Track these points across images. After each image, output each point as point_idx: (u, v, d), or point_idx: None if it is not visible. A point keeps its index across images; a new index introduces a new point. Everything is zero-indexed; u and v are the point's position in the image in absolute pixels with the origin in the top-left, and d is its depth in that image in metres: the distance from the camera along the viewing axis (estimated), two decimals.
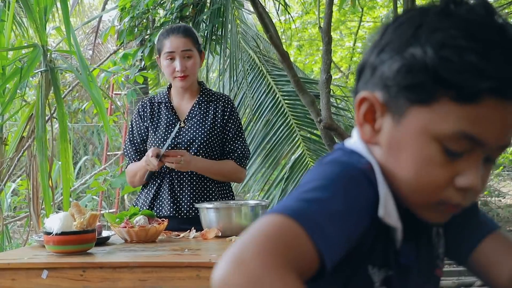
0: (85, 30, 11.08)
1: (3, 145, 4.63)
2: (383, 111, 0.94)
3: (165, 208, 2.97)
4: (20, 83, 4.31)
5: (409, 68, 0.89)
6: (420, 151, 0.90)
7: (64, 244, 2.26)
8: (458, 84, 0.85)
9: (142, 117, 3.08)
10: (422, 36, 0.88)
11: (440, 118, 0.88)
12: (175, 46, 2.97)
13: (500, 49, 0.86)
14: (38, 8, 4.43)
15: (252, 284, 0.76)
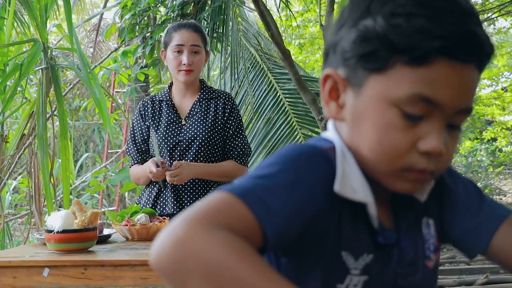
0: (86, 27, 11.07)
1: (4, 143, 4.62)
2: (345, 86, 0.98)
3: (168, 206, 2.97)
4: (20, 79, 4.30)
5: (362, 38, 0.92)
6: (380, 118, 0.93)
7: (66, 242, 2.26)
8: (408, 47, 0.88)
9: (143, 116, 3.07)
10: (374, 8, 0.92)
11: (396, 83, 0.91)
12: (184, 40, 2.97)
13: (447, 13, 0.89)
14: (38, 6, 4.43)
15: (178, 247, 0.79)
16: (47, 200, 4.16)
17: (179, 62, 2.96)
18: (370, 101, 0.94)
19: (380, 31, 0.90)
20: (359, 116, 0.96)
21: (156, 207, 3.00)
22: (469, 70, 0.92)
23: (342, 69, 0.97)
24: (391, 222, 1.04)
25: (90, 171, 8.23)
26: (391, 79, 0.91)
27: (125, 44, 6.34)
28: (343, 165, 0.97)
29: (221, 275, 0.77)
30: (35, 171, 4.54)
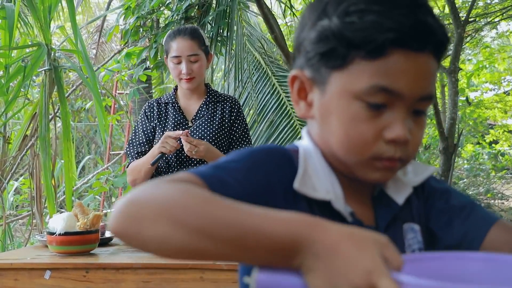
0: (89, 29, 11.08)
1: (6, 144, 4.62)
2: (311, 85, 1.03)
3: None
4: (23, 81, 4.31)
5: (320, 37, 0.98)
6: (345, 111, 0.97)
7: (67, 245, 2.25)
8: (363, 41, 0.93)
9: (149, 117, 3.07)
10: (329, 9, 0.98)
11: (357, 77, 0.95)
12: (181, 50, 2.96)
13: (397, 6, 0.94)
14: (42, 7, 4.43)
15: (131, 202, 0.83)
16: (49, 201, 4.16)
17: (179, 71, 2.97)
18: (335, 97, 0.99)
19: (335, 29, 0.95)
20: (326, 112, 1.01)
21: None
22: (424, 58, 0.96)
23: (307, 69, 1.02)
24: (372, 221, 1.07)
25: (92, 172, 8.22)
26: (352, 74, 0.96)
27: (128, 46, 6.34)
28: (305, 164, 1.02)
29: (174, 208, 0.80)
30: (37, 172, 4.54)
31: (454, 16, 5.26)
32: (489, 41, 11.03)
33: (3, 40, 4.42)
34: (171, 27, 4.81)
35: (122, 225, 0.82)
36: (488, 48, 10.84)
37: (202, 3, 4.83)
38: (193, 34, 2.99)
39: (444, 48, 1.01)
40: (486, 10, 8.48)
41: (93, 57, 10.21)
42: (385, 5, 0.94)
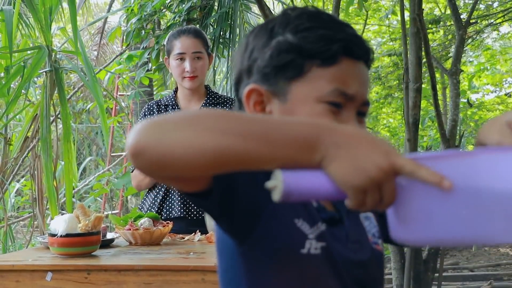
0: (90, 30, 11.09)
1: (8, 145, 4.62)
2: (269, 97, 1.14)
3: (175, 209, 2.96)
4: (24, 83, 4.31)
5: (278, 52, 1.11)
6: (311, 114, 1.10)
7: (69, 246, 2.25)
8: (318, 51, 1.09)
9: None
10: (278, 30, 1.13)
11: (315, 84, 1.10)
12: (185, 47, 2.97)
13: (337, 23, 1.13)
14: (43, 8, 4.43)
15: (154, 124, 0.86)
16: (51, 203, 4.16)
17: (182, 69, 2.97)
18: (298, 103, 1.11)
19: (293, 43, 1.10)
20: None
21: (162, 211, 2.99)
22: (363, 66, 1.14)
23: (263, 84, 1.14)
24: (332, 208, 1.20)
25: (93, 174, 8.22)
26: (311, 81, 1.10)
27: (130, 48, 6.34)
28: None
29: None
30: (38, 174, 4.54)
31: (456, 18, 5.26)
32: (491, 43, 11.02)
33: (3, 43, 4.42)
34: (173, 29, 4.81)
35: (143, 138, 0.84)
36: (490, 50, 10.83)
37: (204, 5, 4.83)
38: (196, 34, 3.01)
39: (372, 59, 1.17)
40: (488, 11, 8.48)
41: (94, 58, 10.22)
42: (326, 23, 1.11)
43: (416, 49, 4.43)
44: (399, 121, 11.06)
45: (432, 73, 4.74)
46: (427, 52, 4.66)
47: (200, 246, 2.53)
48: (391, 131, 11.28)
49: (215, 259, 2.16)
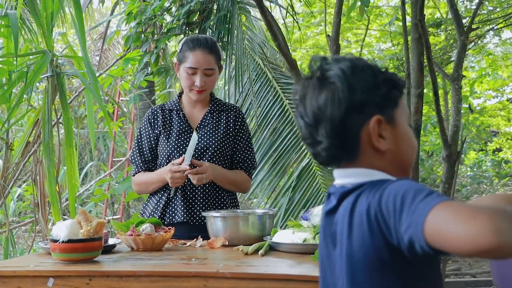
0: (92, 36, 11.10)
1: (9, 150, 4.62)
2: (385, 124, 1.42)
3: (178, 214, 2.96)
4: (26, 88, 4.31)
5: (389, 88, 1.44)
6: (408, 133, 1.48)
7: (71, 252, 2.25)
8: (403, 85, 1.48)
9: (152, 124, 3.07)
10: (377, 73, 1.45)
11: (403, 109, 1.48)
12: (198, 63, 2.95)
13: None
14: (45, 14, 4.43)
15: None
16: (54, 208, 4.16)
17: (192, 82, 2.96)
18: (400, 127, 1.45)
19: (394, 79, 1.46)
20: (398, 139, 1.44)
21: (165, 215, 2.99)
22: None
23: (380, 115, 1.41)
24: None
25: (95, 179, 8.22)
26: (400, 108, 1.46)
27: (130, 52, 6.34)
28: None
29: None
30: (40, 178, 4.54)
31: (457, 23, 5.26)
32: (492, 48, 11.03)
33: (6, 48, 4.42)
34: (172, 32, 4.80)
35: (506, 238, 1.06)
36: (491, 55, 10.84)
37: (203, 9, 4.83)
38: (212, 49, 2.97)
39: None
40: (488, 16, 8.48)
41: (97, 63, 10.23)
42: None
43: (418, 55, 4.43)
44: None
45: (433, 78, 4.74)
46: (428, 58, 4.66)
47: (202, 252, 2.52)
48: None
49: (217, 265, 2.16)
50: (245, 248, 2.42)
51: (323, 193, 5.60)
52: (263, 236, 2.61)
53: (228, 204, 3.05)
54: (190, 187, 2.98)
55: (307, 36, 11.87)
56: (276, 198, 5.76)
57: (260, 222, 2.68)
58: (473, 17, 5.62)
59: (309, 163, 5.74)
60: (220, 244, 2.60)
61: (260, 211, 2.84)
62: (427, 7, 9.24)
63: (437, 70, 5.52)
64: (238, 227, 2.66)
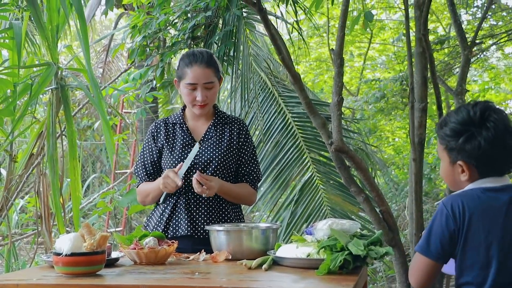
0: (96, 48, 11.13)
1: (13, 162, 4.62)
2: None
3: (181, 227, 2.96)
4: (30, 100, 4.31)
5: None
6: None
7: (74, 266, 2.24)
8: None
9: (155, 138, 3.08)
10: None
11: None
12: (197, 78, 2.96)
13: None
14: (50, 26, 4.45)
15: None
16: (58, 220, 4.15)
17: (193, 98, 2.98)
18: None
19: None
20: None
21: (168, 229, 2.99)
22: None
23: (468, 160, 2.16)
24: None
25: (97, 191, 8.21)
26: None
27: (134, 65, 6.35)
28: None
29: None
30: (43, 191, 4.53)
31: (461, 38, 5.27)
32: (495, 62, 11.04)
33: (11, 60, 4.43)
34: (177, 46, 4.81)
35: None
36: (494, 69, 10.85)
37: (208, 23, 4.84)
38: (209, 63, 2.99)
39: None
40: (492, 31, 8.50)
41: (100, 76, 10.26)
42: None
43: (422, 69, 4.43)
44: (404, 139, 11.04)
45: (437, 93, 4.74)
46: (432, 72, 4.66)
47: (205, 266, 2.51)
48: (396, 150, 11.26)
49: (220, 280, 2.15)
50: (248, 263, 2.42)
51: (326, 207, 5.60)
52: (266, 251, 2.60)
53: (233, 217, 3.05)
54: (193, 200, 2.98)
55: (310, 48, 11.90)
56: (278, 211, 5.76)
57: (264, 236, 2.67)
58: (477, 32, 5.63)
59: (312, 177, 5.73)
60: (223, 258, 2.59)
61: (263, 225, 2.84)
62: (430, 21, 9.26)
63: (441, 84, 5.53)
64: (242, 241, 2.65)
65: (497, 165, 2.15)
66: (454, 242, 2.10)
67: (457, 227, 2.09)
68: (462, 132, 2.12)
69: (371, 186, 4.19)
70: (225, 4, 4.68)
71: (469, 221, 2.07)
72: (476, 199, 2.11)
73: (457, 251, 2.12)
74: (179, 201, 2.99)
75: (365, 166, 4.26)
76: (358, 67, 12.25)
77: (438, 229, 2.12)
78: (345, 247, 2.26)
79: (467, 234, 2.08)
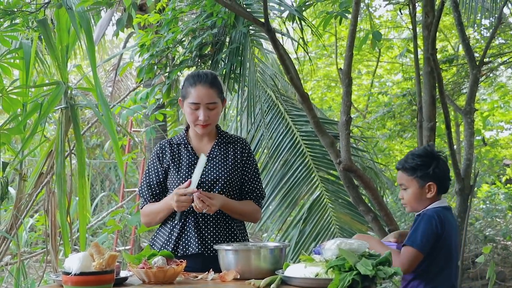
0: (105, 67, 11.20)
1: (23, 181, 4.64)
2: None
3: (192, 246, 2.96)
4: (40, 119, 4.34)
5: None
6: None
7: (83, 285, 2.24)
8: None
9: (161, 159, 3.10)
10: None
11: None
12: (200, 98, 2.99)
13: None
14: (60, 46, 4.49)
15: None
16: (64, 240, 4.16)
17: (196, 117, 3.01)
18: None
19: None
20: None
21: (178, 247, 2.99)
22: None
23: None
24: None
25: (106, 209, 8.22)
26: None
27: (143, 84, 6.38)
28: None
29: None
30: (52, 209, 4.55)
31: (469, 57, 5.27)
32: (504, 81, 11.03)
33: (21, 79, 4.47)
34: (185, 64, 4.85)
35: None
36: (503, 88, 10.84)
37: (215, 41, 4.87)
38: (212, 83, 3.02)
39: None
40: (501, 50, 8.50)
41: (109, 95, 10.31)
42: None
43: (430, 88, 4.44)
44: None
45: (446, 112, 4.74)
46: (441, 91, 4.67)
47: (213, 286, 2.51)
48: None
49: None
50: (257, 282, 2.42)
51: (334, 226, 5.58)
52: (275, 270, 2.59)
53: (238, 234, 3.07)
54: (202, 218, 2.99)
55: (318, 67, 11.93)
56: (287, 230, 5.74)
57: (272, 256, 2.67)
58: (485, 51, 5.63)
59: (320, 195, 5.72)
60: (231, 278, 2.59)
61: (272, 244, 2.83)
62: (438, 40, 9.27)
63: (449, 103, 5.53)
64: (250, 260, 2.64)
65: (448, 184, 3.01)
66: (436, 242, 2.83)
67: (441, 232, 2.83)
68: (430, 162, 2.92)
69: (379, 205, 4.19)
70: (232, 22, 4.72)
71: (446, 231, 2.84)
72: (446, 214, 2.89)
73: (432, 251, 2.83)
74: (188, 219, 3.00)
75: (373, 185, 4.27)
76: (367, 85, 12.27)
77: (429, 231, 2.81)
78: (353, 267, 2.26)
79: (444, 240, 2.84)
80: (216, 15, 4.59)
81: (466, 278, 7.87)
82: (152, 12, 4.88)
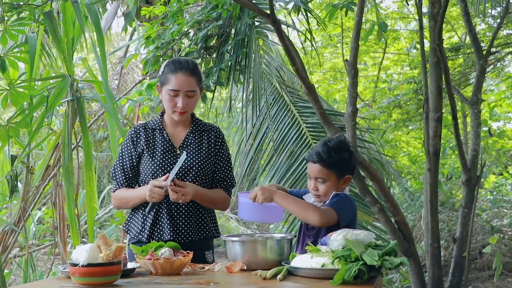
0: (111, 60, 11.21)
1: (30, 174, 4.66)
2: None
3: (165, 233, 3.03)
4: (47, 112, 4.36)
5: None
6: None
7: (90, 276, 2.26)
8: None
9: (135, 142, 3.13)
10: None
11: None
12: (180, 85, 3.02)
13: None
14: (66, 39, 4.50)
15: None
16: (72, 231, 4.18)
17: (174, 104, 3.03)
18: None
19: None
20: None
21: (153, 234, 3.03)
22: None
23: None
24: None
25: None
26: None
27: (148, 76, 6.38)
28: None
29: None
30: (59, 202, 4.57)
31: (476, 48, 5.26)
32: (511, 71, 10.97)
33: (28, 73, 4.48)
34: (191, 56, 4.85)
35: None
36: (510, 78, 10.78)
37: (221, 33, 4.87)
38: (193, 71, 3.06)
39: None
40: (508, 39, 8.46)
41: (116, 87, 10.32)
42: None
43: (436, 79, 4.43)
44: (419, 149, 11.00)
45: (452, 102, 4.73)
46: (447, 82, 4.66)
47: (220, 277, 2.52)
48: (411, 159, 11.21)
49: None
50: (263, 273, 2.42)
51: None
52: (281, 261, 2.60)
53: (209, 222, 3.15)
54: (175, 206, 3.04)
55: (324, 59, 11.90)
56: (293, 221, 5.74)
57: (279, 247, 2.68)
58: (492, 41, 5.61)
59: None
60: (238, 269, 2.60)
61: (278, 235, 2.84)
62: (445, 30, 9.23)
63: (456, 94, 5.51)
64: (257, 251, 2.66)
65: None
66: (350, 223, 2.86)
67: (353, 216, 2.89)
68: (348, 155, 2.91)
69: (386, 196, 4.19)
70: (237, 14, 4.71)
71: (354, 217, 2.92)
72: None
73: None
74: (161, 208, 3.04)
75: (380, 176, 4.27)
76: (373, 77, 12.23)
77: (349, 209, 2.83)
78: (359, 257, 2.26)
79: (353, 221, 2.89)
80: (221, 7, 4.59)
81: (473, 269, 7.87)
82: (157, 4, 4.88)
